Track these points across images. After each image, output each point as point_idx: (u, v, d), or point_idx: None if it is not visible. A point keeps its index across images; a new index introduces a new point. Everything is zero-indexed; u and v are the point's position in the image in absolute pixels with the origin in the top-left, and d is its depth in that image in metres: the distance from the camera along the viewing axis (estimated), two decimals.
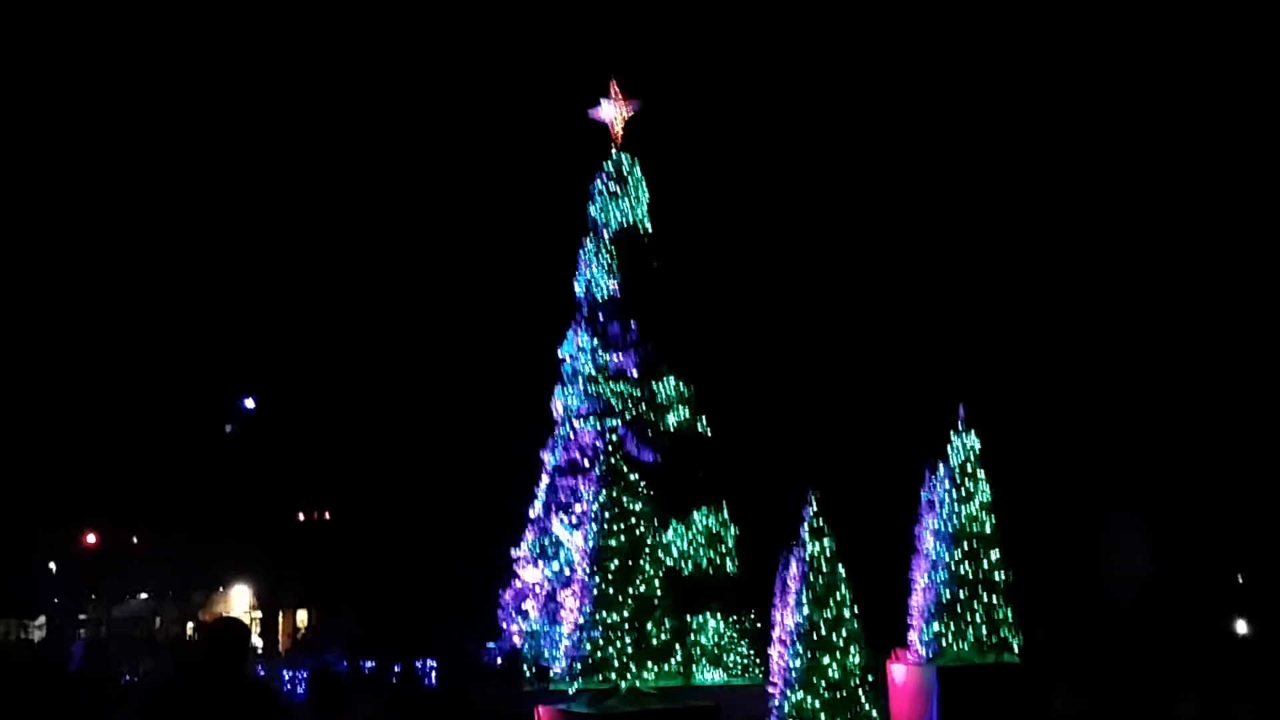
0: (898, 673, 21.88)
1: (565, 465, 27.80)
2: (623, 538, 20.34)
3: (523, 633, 26.86)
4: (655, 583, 20.48)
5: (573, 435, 27.88)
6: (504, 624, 27.57)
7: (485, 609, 28.49)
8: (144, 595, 53.65)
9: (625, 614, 19.89)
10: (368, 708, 23.14)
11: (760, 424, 39.22)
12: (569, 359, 28.77)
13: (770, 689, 19.94)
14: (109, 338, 47.32)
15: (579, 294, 29.09)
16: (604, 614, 19.95)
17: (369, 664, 28.24)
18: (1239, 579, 40.67)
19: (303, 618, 56.27)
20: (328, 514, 54.15)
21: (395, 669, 27.36)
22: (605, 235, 28.94)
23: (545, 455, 28.35)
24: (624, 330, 28.31)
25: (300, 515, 53.52)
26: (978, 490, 21.78)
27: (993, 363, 41.21)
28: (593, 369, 28.23)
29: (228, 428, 52.97)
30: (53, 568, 47.84)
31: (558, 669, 23.26)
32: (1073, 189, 46.37)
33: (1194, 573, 38.11)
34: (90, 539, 46.51)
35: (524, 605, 27.22)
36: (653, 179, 29.84)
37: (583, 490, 26.31)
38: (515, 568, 27.88)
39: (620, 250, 28.78)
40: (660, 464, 26.86)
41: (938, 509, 21.94)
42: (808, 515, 20.14)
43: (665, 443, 27.36)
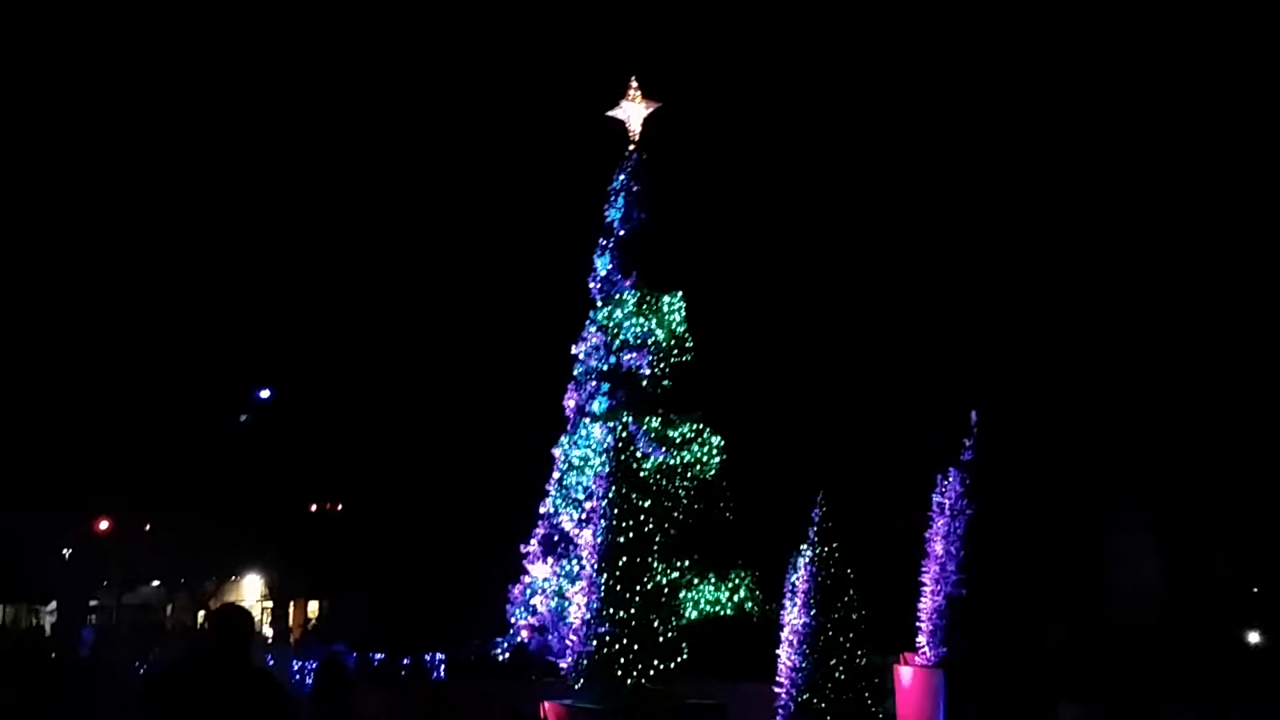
0: (905, 675, 21.89)
1: (576, 462, 27.85)
2: (631, 535, 20.41)
3: (531, 628, 26.93)
4: (664, 579, 20.55)
5: (584, 432, 27.94)
6: (513, 619, 27.65)
7: (494, 604, 28.56)
8: (155, 583, 53.79)
9: (633, 611, 19.97)
10: (375, 700, 23.20)
11: (772, 425, 39.24)
12: (583, 356, 28.83)
13: (777, 689, 19.99)
14: (125, 327, 47.54)
15: (594, 292, 29.15)
16: (612, 611, 20.03)
17: (378, 656, 28.28)
18: (1254, 590, 40.54)
19: (313, 608, 56.42)
20: (340, 506, 54.29)
21: (404, 662, 27.41)
22: (620, 234, 28.99)
23: (557, 452, 28.42)
24: (637, 329, 28.34)
25: (313, 506, 53.66)
26: (988, 495, 21.79)
27: (1006, 369, 41.16)
28: (605, 367, 28.28)
29: (242, 418, 53.11)
30: (66, 554, 48.01)
31: (565, 664, 23.37)
32: (1090, 196, 46.27)
33: (1207, 582, 37.98)
34: (103, 526, 46.67)
35: (533, 601, 27.29)
36: (669, 181, 29.91)
37: (593, 487, 26.38)
38: (525, 563, 27.95)
39: (635, 249, 28.82)
40: (670, 463, 26.91)
41: (948, 513, 21.96)
42: (817, 518, 20.20)
43: (675, 441, 27.40)
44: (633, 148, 29.70)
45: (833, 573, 19.89)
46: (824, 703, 19.25)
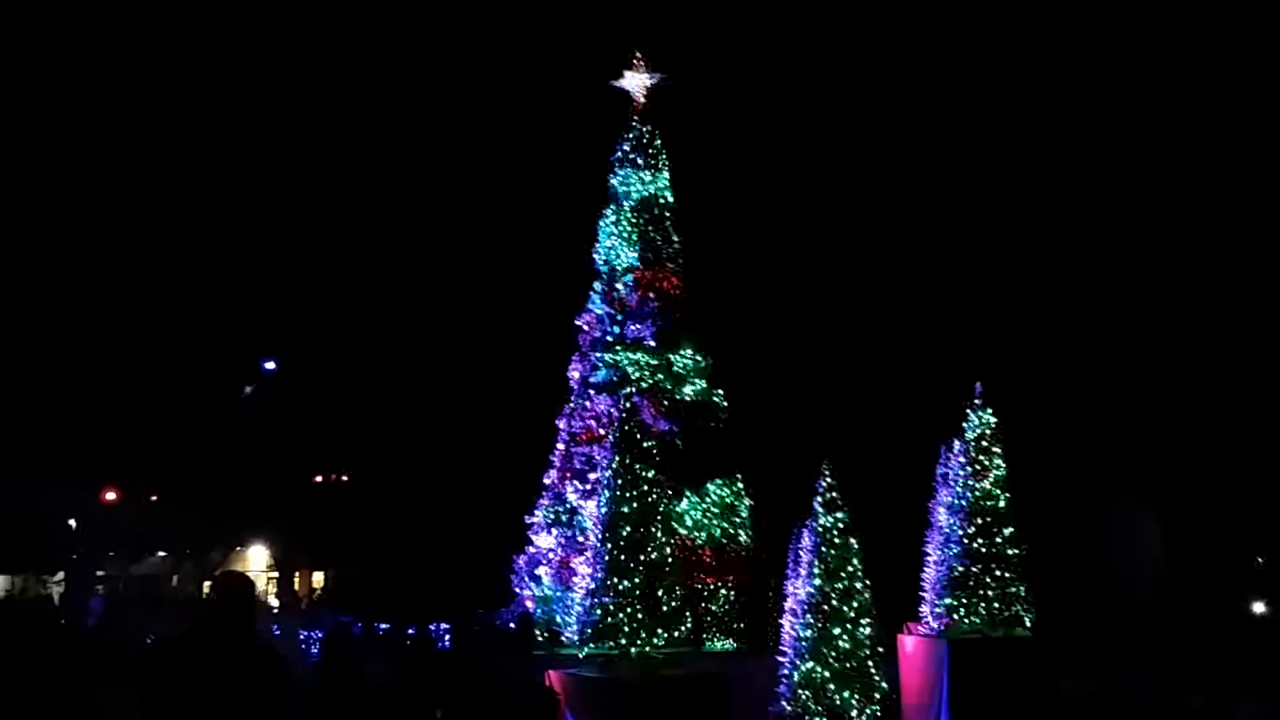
0: (908, 645, 22.01)
1: (581, 433, 27.89)
2: (635, 505, 20.48)
3: (536, 598, 27.04)
4: (667, 551, 20.63)
5: (589, 403, 27.96)
6: (517, 589, 27.76)
7: (499, 574, 28.66)
8: (161, 554, 53.99)
9: (636, 581, 20.05)
10: (381, 669, 23.32)
11: (777, 397, 39.26)
12: (587, 328, 28.82)
13: (780, 659, 20.09)
14: (133, 297, 47.54)
15: (598, 263, 29.11)
16: (616, 581, 20.12)
17: (383, 626, 28.40)
18: (1258, 560, 40.64)
19: (318, 578, 56.65)
20: (345, 476, 54.41)
21: (409, 632, 27.53)
22: (625, 205, 28.92)
23: (561, 423, 28.44)
24: (642, 300, 28.34)
25: (318, 477, 53.77)
26: (992, 466, 21.85)
27: (1010, 343, 41.14)
28: (610, 338, 28.29)
29: (248, 389, 53.16)
30: (73, 524, 48.17)
31: (569, 634, 23.50)
32: (1094, 172, 46.12)
33: (1211, 554, 38.06)
34: (110, 496, 46.81)
35: (537, 571, 27.39)
36: (675, 152, 29.80)
37: (597, 458, 26.42)
38: (529, 534, 28.04)
39: (640, 221, 28.76)
40: (675, 434, 26.96)
41: (952, 484, 22.02)
42: (821, 488, 20.25)
43: (681, 413, 27.43)
44: (636, 119, 29.59)
45: (837, 543, 19.96)
46: (828, 672, 19.36)
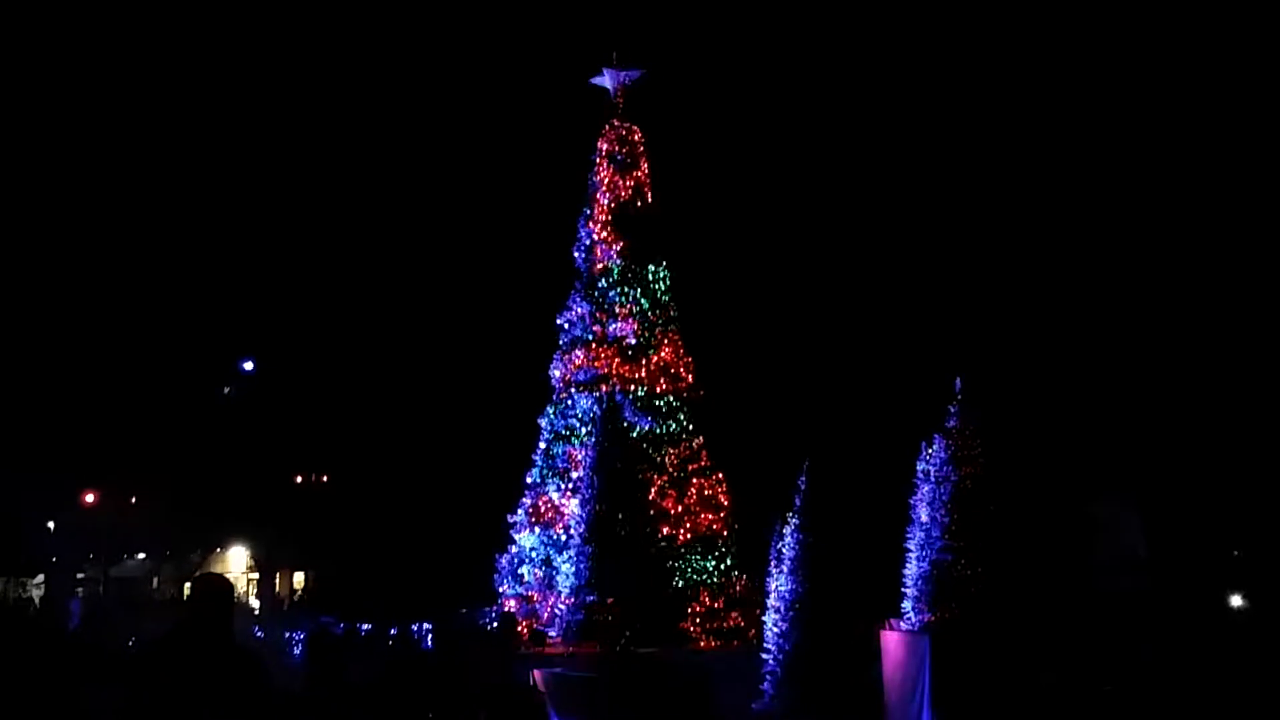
0: (890, 640, 22.04)
1: (562, 432, 27.89)
2: (617, 503, 20.51)
3: (518, 597, 27.03)
4: (649, 548, 20.68)
5: (570, 402, 27.96)
6: (500, 588, 27.74)
7: (482, 573, 28.64)
8: (141, 555, 53.84)
9: (620, 579, 20.08)
10: (363, 670, 23.26)
11: (758, 394, 39.34)
12: (568, 326, 28.82)
13: (764, 655, 20.14)
14: (110, 298, 47.35)
15: (579, 262, 29.11)
16: (599, 579, 20.15)
17: (365, 627, 28.36)
18: (1235, 553, 40.85)
19: (299, 579, 56.56)
20: (325, 477, 54.31)
21: (391, 632, 27.49)
22: (605, 203, 28.92)
23: (543, 422, 28.44)
24: (622, 298, 28.35)
25: (298, 478, 53.67)
26: (972, 460, 21.90)
27: (993, 337, 41.29)
28: (591, 336, 28.29)
29: (226, 390, 53.02)
30: (51, 526, 47.99)
31: (553, 633, 23.50)
32: (1078, 172, 46.32)
33: (1189, 547, 38.26)
34: (89, 498, 46.63)
35: (520, 570, 27.38)
36: (654, 148, 29.84)
37: (579, 457, 26.44)
38: (511, 533, 28.02)
39: (620, 219, 28.77)
40: (656, 431, 26.98)
41: (933, 479, 22.08)
42: (803, 483, 20.29)
43: (662, 410, 27.45)
44: (615, 116, 29.60)
45: (818, 539, 20.01)
46: (810, 668, 19.40)
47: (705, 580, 25.97)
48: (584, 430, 26.81)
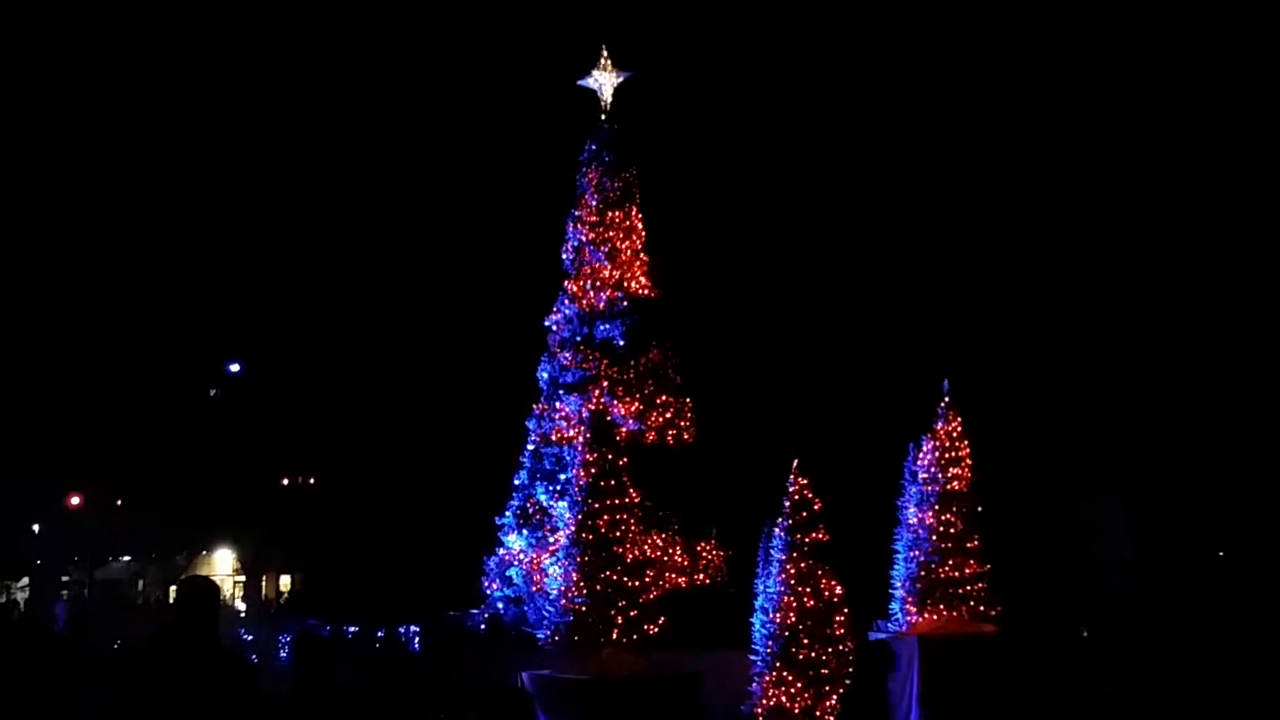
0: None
1: (550, 434, 27.83)
2: (606, 505, 20.46)
3: (507, 599, 26.97)
4: (637, 550, 20.62)
5: (558, 404, 27.91)
6: (488, 591, 27.68)
7: (469, 576, 28.58)
8: (126, 558, 53.66)
9: (609, 582, 20.04)
10: (350, 672, 23.22)
11: (746, 395, 39.35)
12: (555, 328, 28.77)
13: (752, 657, 20.11)
14: (96, 300, 47.15)
15: (566, 263, 29.07)
16: (588, 582, 20.10)
17: (352, 629, 28.32)
18: (1219, 554, 41.03)
19: (285, 582, 56.45)
20: (312, 479, 54.20)
21: (378, 634, 27.44)
22: (593, 204, 28.88)
23: (530, 424, 28.39)
24: (611, 301, 28.31)
25: (285, 480, 53.54)
26: (960, 462, 21.95)
27: (981, 338, 41.38)
28: (578, 338, 28.24)
29: (213, 392, 52.88)
30: (36, 529, 47.81)
31: (542, 636, 23.43)
32: (1065, 172, 46.44)
33: (1175, 547, 38.41)
34: (74, 500, 46.48)
35: (508, 572, 27.32)
36: (643, 150, 29.81)
37: (567, 459, 26.38)
38: (499, 535, 27.96)
39: (607, 220, 28.72)
40: (644, 431, 26.94)
41: (921, 481, 22.12)
42: (791, 485, 20.27)
43: (649, 412, 27.40)
44: (604, 118, 29.58)
45: (807, 540, 19.99)
46: (798, 670, 19.38)
47: (693, 582, 25.94)
48: (572, 432, 26.75)
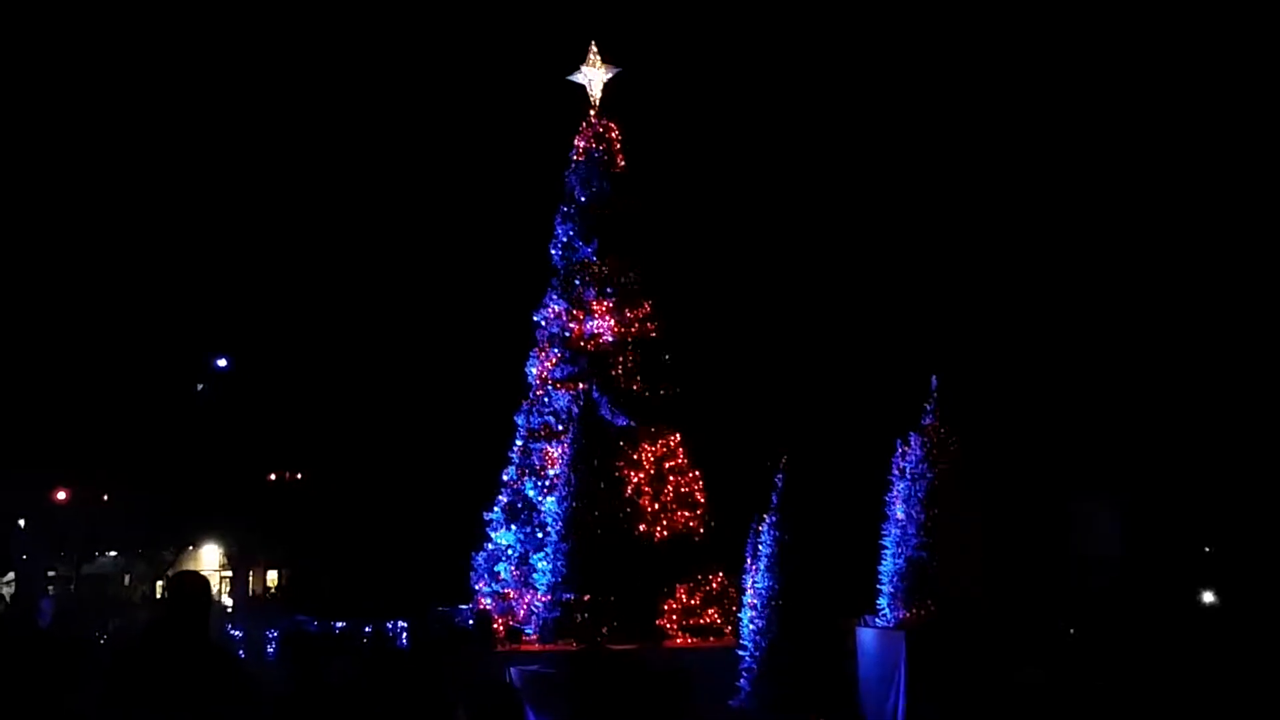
0: (866, 637, 22.10)
1: (539, 429, 27.85)
2: (594, 500, 20.50)
3: (495, 594, 26.97)
4: (626, 545, 20.67)
5: (546, 399, 27.92)
6: (476, 586, 27.68)
7: (458, 571, 28.56)
8: (113, 553, 53.47)
9: (597, 577, 20.07)
10: (338, 668, 23.16)
11: (736, 391, 39.39)
12: (544, 323, 28.77)
13: (741, 652, 20.16)
14: (81, 294, 46.98)
15: (555, 259, 29.07)
16: (576, 577, 20.14)
17: (339, 625, 28.26)
18: (1205, 550, 41.21)
19: (272, 577, 56.36)
20: (300, 475, 54.07)
21: (366, 630, 27.39)
22: (582, 200, 28.89)
23: (519, 419, 28.39)
24: (599, 296, 28.33)
25: (271, 475, 53.42)
26: (948, 458, 21.99)
27: (971, 334, 41.48)
28: (567, 334, 28.25)
29: (200, 387, 52.73)
30: (21, 524, 47.62)
31: (529, 631, 23.47)
32: (1056, 168, 46.54)
33: (1163, 544, 38.56)
34: (60, 495, 46.32)
35: (496, 567, 27.32)
36: (632, 145, 29.81)
37: (556, 454, 26.40)
38: (488, 530, 27.96)
39: (597, 216, 28.73)
40: (633, 428, 26.97)
41: (908, 476, 22.16)
42: (780, 481, 20.31)
43: (638, 408, 27.43)
44: (593, 113, 29.58)
45: (795, 536, 20.04)
46: (786, 665, 19.44)
47: (682, 577, 25.97)
48: (560, 428, 26.77)
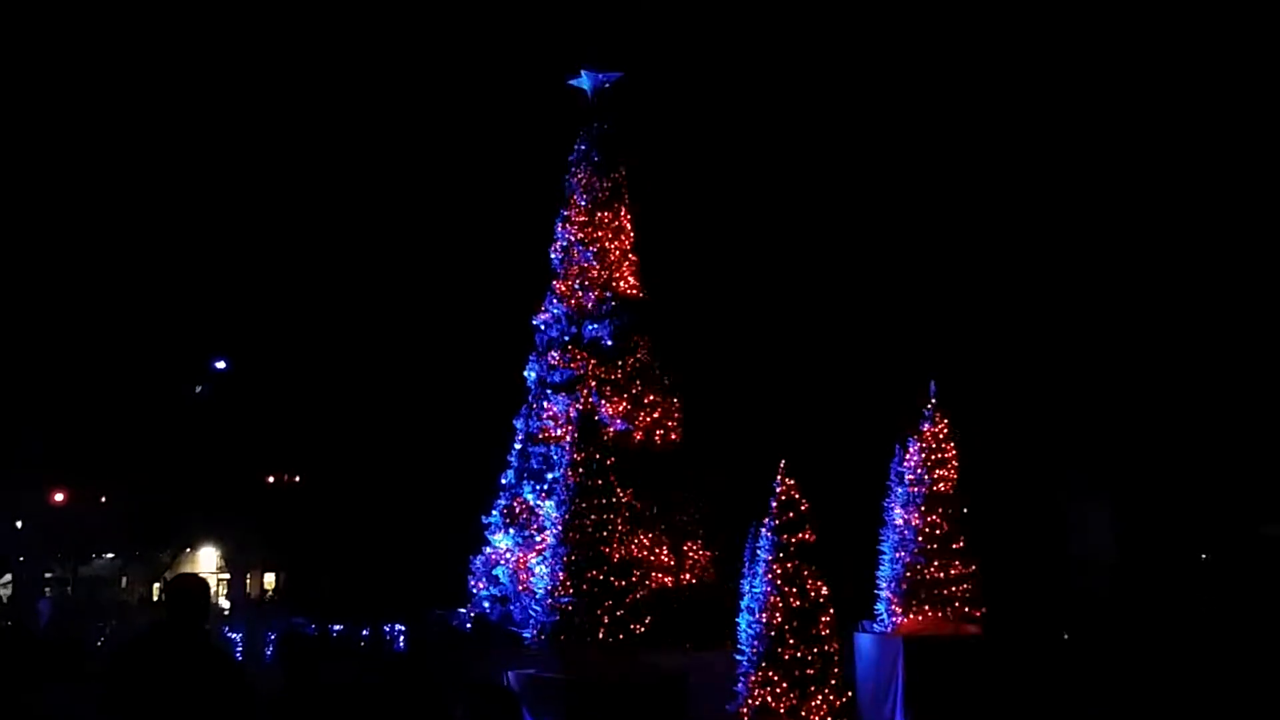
0: (864, 643, 22.12)
1: (537, 433, 27.84)
2: (592, 504, 20.49)
3: (493, 599, 26.97)
4: (624, 549, 20.65)
5: (545, 403, 27.93)
6: (474, 590, 27.68)
7: (455, 575, 28.56)
8: (110, 555, 53.48)
9: (595, 582, 20.06)
10: (335, 672, 23.13)
11: (734, 395, 39.39)
12: (543, 327, 28.78)
13: (738, 657, 20.15)
14: (79, 296, 46.98)
15: (554, 263, 29.08)
16: (574, 582, 20.12)
17: (337, 627, 28.24)
18: (1202, 556, 41.25)
19: (269, 580, 56.37)
20: (298, 477, 54.09)
21: (363, 633, 27.37)
22: (582, 204, 28.90)
23: (518, 423, 28.40)
24: (599, 300, 28.33)
25: (269, 478, 53.44)
26: (946, 464, 22.02)
27: (968, 335, 41.49)
28: (566, 338, 28.26)
29: (199, 389, 52.75)
30: (19, 525, 47.62)
31: (528, 635, 23.45)
32: (1048, 168, 46.55)
33: (1159, 550, 38.59)
34: (58, 497, 46.33)
35: (494, 572, 27.33)
36: (632, 149, 29.82)
37: (554, 458, 26.40)
38: (486, 534, 27.96)
39: (596, 220, 28.74)
40: (631, 431, 26.97)
41: (906, 481, 22.19)
42: (778, 485, 20.30)
43: (636, 412, 27.44)
44: (594, 116, 29.57)
45: (792, 540, 20.02)
46: (783, 671, 19.42)
47: (679, 581, 25.98)
48: (559, 432, 26.77)
